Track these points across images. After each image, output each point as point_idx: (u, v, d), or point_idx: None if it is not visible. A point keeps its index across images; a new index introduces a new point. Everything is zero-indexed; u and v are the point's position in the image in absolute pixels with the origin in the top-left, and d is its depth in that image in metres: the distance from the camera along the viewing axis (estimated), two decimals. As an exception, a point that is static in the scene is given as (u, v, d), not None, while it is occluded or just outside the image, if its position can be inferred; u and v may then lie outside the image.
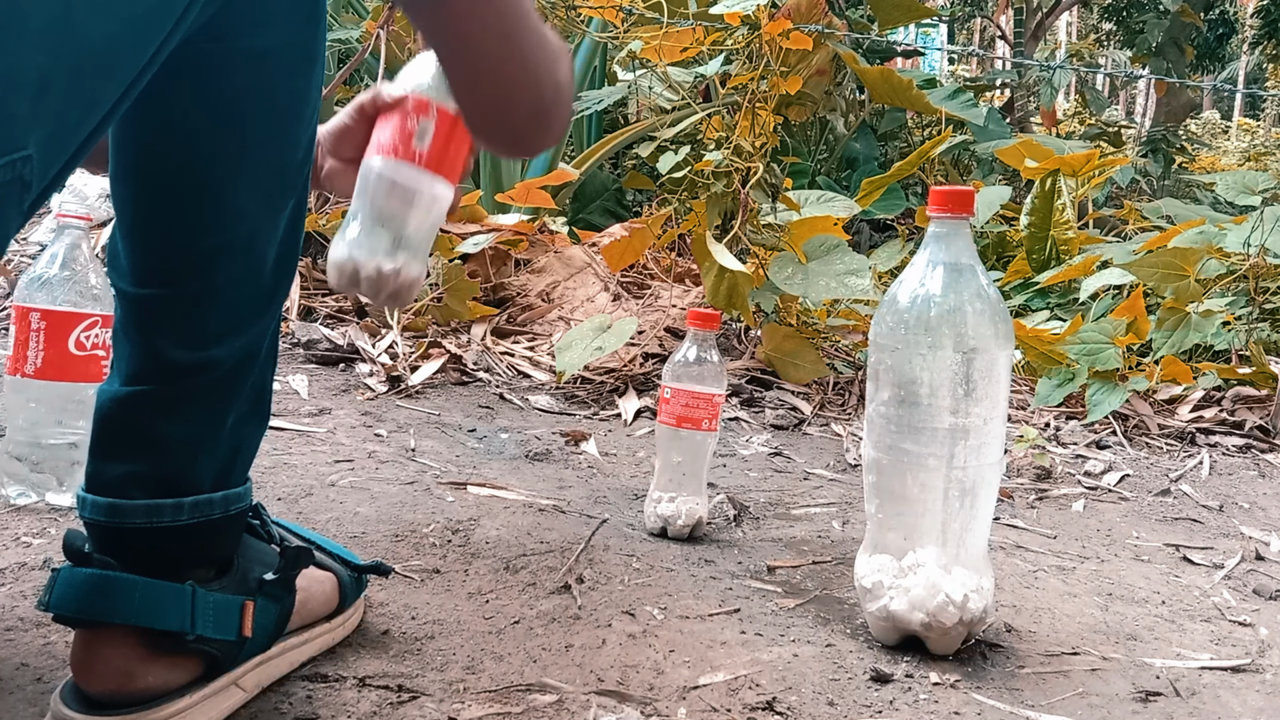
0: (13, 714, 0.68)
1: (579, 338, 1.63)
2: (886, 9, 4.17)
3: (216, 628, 0.68)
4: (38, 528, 0.97)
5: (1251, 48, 9.51)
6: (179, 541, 0.67)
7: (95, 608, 0.64)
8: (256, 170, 0.64)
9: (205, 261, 0.64)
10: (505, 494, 1.22)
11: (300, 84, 0.64)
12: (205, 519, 0.68)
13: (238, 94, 0.61)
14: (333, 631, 0.81)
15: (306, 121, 0.66)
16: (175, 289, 0.64)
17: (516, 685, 0.79)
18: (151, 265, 0.64)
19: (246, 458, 0.73)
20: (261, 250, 0.66)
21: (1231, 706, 0.87)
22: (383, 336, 1.80)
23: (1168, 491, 1.52)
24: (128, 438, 0.66)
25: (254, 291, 0.67)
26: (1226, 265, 2.18)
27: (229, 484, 0.70)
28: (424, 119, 0.72)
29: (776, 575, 1.08)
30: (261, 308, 0.68)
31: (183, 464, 0.67)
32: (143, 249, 0.64)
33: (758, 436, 1.60)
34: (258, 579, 0.73)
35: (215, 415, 0.67)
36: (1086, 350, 1.88)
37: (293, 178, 0.66)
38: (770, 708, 0.79)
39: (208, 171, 0.62)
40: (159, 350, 0.64)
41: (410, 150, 0.72)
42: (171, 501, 0.66)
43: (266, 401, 0.74)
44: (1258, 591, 1.16)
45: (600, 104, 1.94)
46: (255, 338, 0.68)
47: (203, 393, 0.66)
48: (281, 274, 0.69)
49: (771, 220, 1.85)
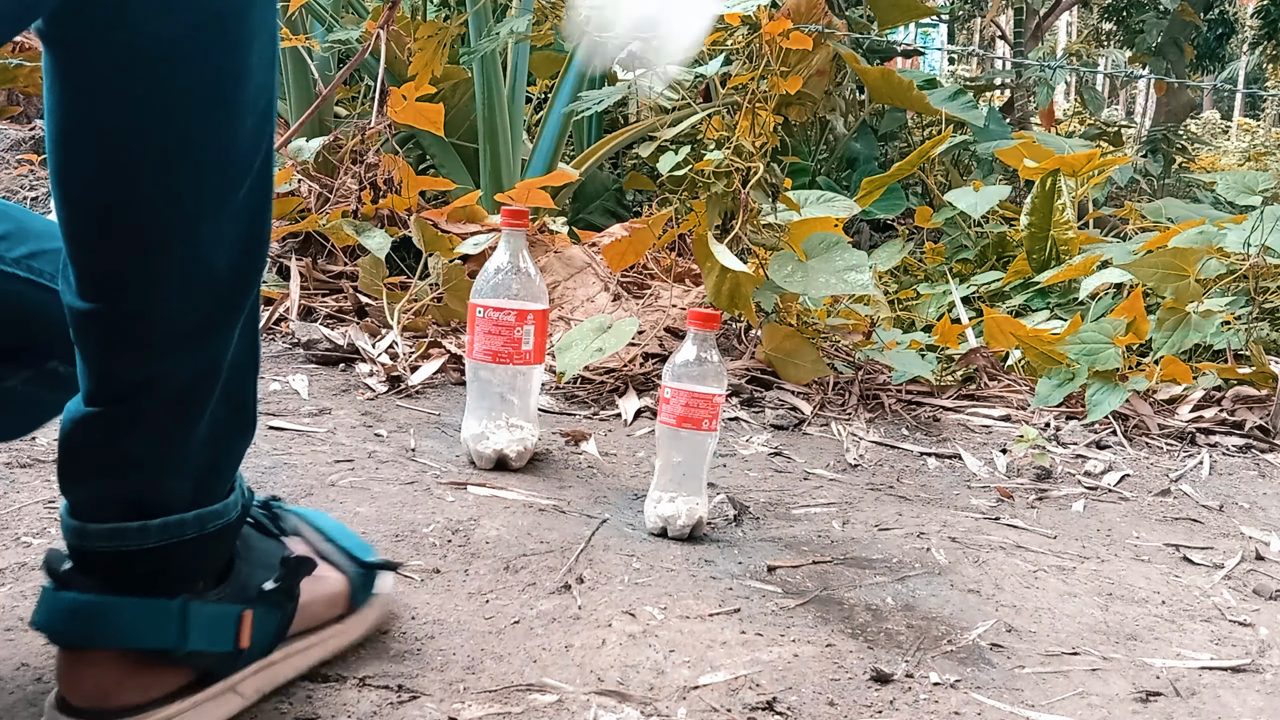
0: (13, 714, 0.68)
1: (579, 338, 1.63)
2: (886, 9, 4.17)
3: (210, 641, 0.66)
4: (38, 528, 0.97)
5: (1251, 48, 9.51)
6: (151, 564, 0.63)
7: (76, 632, 0.62)
8: (188, 166, 0.57)
9: (144, 270, 0.58)
10: (505, 494, 1.22)
11: (234, 61, 0.57)
12: (177, 539, 0.64)
13: (154, 87, 0.55)
14: (346, 634, 0.79)
15: (246, 105, 0.58)
16: (117, 301, 0.59)
17: (516, 685, 0.79)
18: (90, 277, 0.59)
19: (227, 471, 0.69)
20: (207, 254, 0.60)
21: (1231, 706, 0.87)
22: (383, 336, 1.80)
23: (1168, 491, 1.52)
24: (87, 459, 0.63)
25: (205, 301, 0.61)
26: (1226, 265, 2.18)
27: (206, 501, 0.66)
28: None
29: (776, 575, 1.08)
30: (220, 314, 0.62)
31: (146, 484, 0.63)
32: (77, 257, 0.59)
33: (758, 436, 1.60)
34: (258, 587, 0.70)
35: (179, 431, 0.63)
36: (1086, 350, 1.88)
37: (238, 168, 0.60)
38: (770, 708, 0.79)
39: (132, 171, 0.56)
40: (108, 367, 0.60)
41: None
42: (137, 525, 0.62)
43: (250, 410, 0.69)
44: (1258, 591, 1.16)
45: (600, 104, 1.94)
46: (217, 347, 0.63)
47: (161, 409, 0.62)
48: (242, 275, 0.63)
49: (772, 220, 1.85)
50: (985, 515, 1.35)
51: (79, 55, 0.54)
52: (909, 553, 1.17)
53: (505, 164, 2.85)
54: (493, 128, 2.78)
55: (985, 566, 1.15)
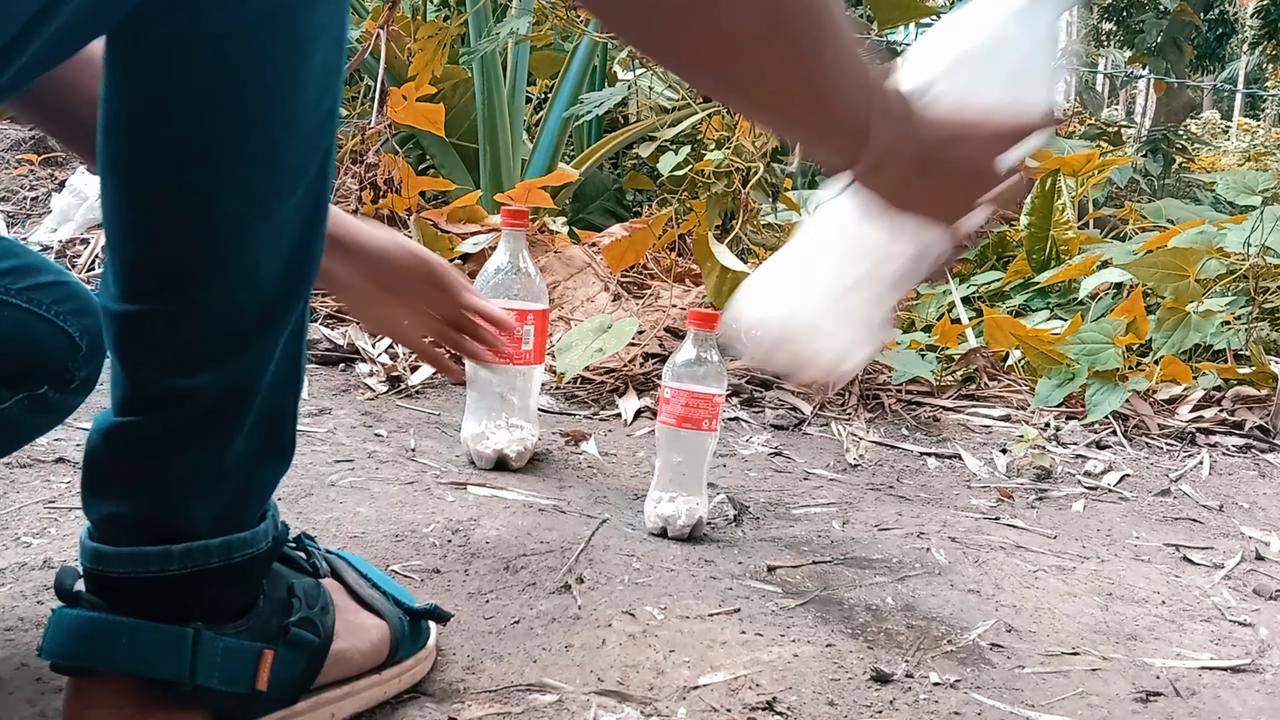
0: (12, 714, 0.68)
1: (579, 339, 1.63)
2: (886, 9, 4.16)
3: (224, 678, 0.61)
4: (38, 528, 0.97)
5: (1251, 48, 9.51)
6: (171, 593, 0.60)
7: (82, 654, 0.59)
8: (242, 167, 0.56)
9: (184, 272, 0.57)
10: (505, 494, 1.22)
11: (293, 61, 0.55)
12: (201, 568, 0.60)
13: (213, 78, 0.53)
14: (383, 685, 0.73)
15: (304, 107, 0.57)
16: (154, 304, 0.57)
17: (516, 685, 0.79)
18: (130, 277, 0.57)
19: (259, 499, 0.65)
20: (253, 260, 0.58)
21: (1231, 706, 0.87)
22: (382, 336, 1.80)
23: (1168, 491, 1.52)
24: (112, 473, 0.60)
25: (248, 308, 0.59)
26: (1226, 265, 2.18)
27: (235, 528, 0.62)
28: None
29: (776, 575, 1.08)
30: (260, 326, 0.60)
31: (171, 506, 0.60)
32: (121, 258, 0.57)
33: (758, 436, 1.60)
34: (282, 625, 0.65)
35: (211, 450, 0.61)
36: (1086, 350, 1.88)
37: (292, 175, 0.58)
38: (770, 708, 0.79)
39: (182, 169, 0.55)
40: (141, 376, 0.59)
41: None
42: (158, 549, 0.59)
43: (287, 434, 0.66)
44: (1258, 591, 1.16)
45: (601, 106, 1.94)
46: (255, 361, 0.61)
47: (191, 425, 0.59)
48: (290, 284, 0.61)
49: (772, 220, 1.85)
50: (985, 515, 1.35)
51: (138, 41, 0.52)
52: (909, 553, 1.17)
53: (505, 164, 2.85)
54: (493, 128, 2.79)
55: (985, 566, 1.15)
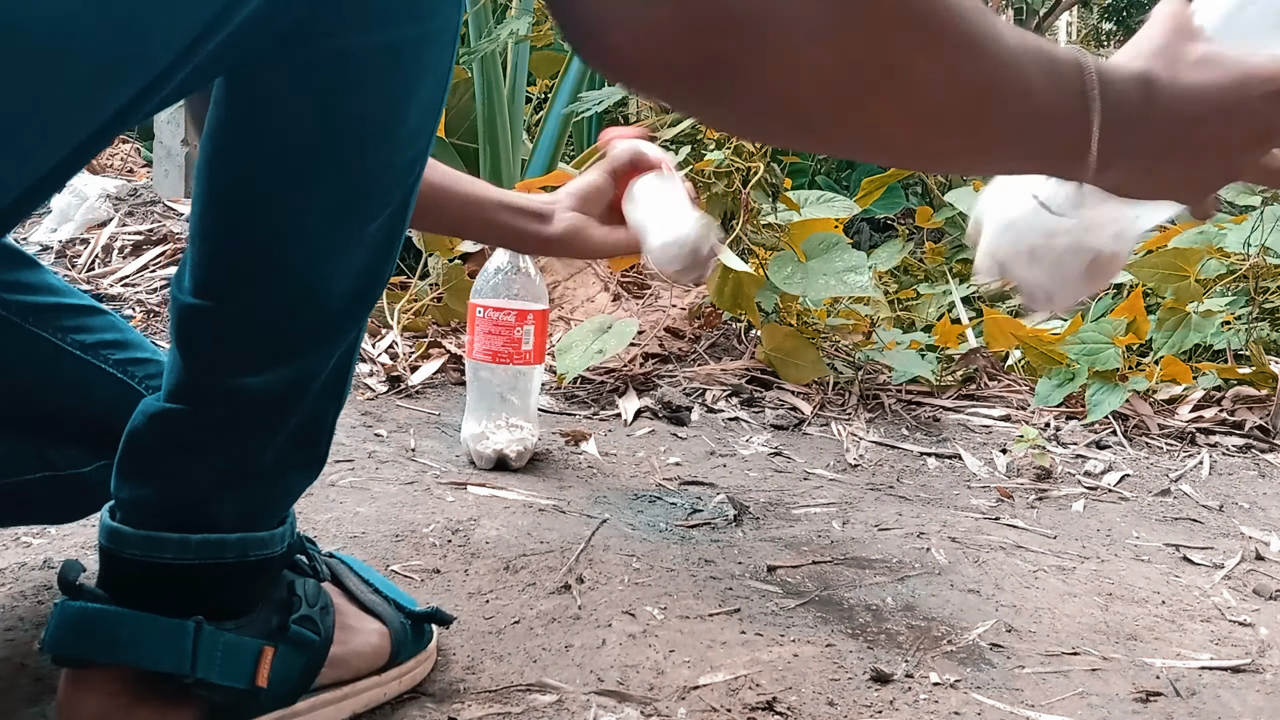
0: (13, 714, 0.68)
1: (579, 339, 1.63)
2: None
3: (223, 673, 0.61)
4: (38, 528, 0.97)
5: (1251, 48, 9.50)
6: (179, 583, 0.61)
7: (84, 645, 0.59)
8: (331, 189, 0.57)
9: (250, 278, 0.58)
10: (505, 494, 1.22)
11: (398, 94, 0.55)
12: (215, 561, 0.61)
13: (321, 100, 0.54)
14: (383, 687, 0.74)
15: (401, 142, 0.58)
16: (218, 302, 0.59)
17: (516, 685, 0.79)
18: (202, 273, 0.59)
19: (283, 503, 0.67)
20: (322, 275, 0.59)
21: (1231, 706, 0.87)
22: (383, 336, 1.80)
23: (1168, 491, 1.52)
24: (148, 455, 0.61)
25: (308, 321, 0.60)
26: (1226, 265, 2.18)
27: (254, 527, 0.63)
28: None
29: (776, 575, 1.08)
30: (316, 340, 0.61)
31: (198, 496, 0.61)
32: (197, 254, 0.59)
33: (758, 436, 1.60)
34: (283, 623, 0.66)
35: (246, 450, 0.62)
36: (1086, 350, 1.88)
37: (376, 202, 0.59)
38: (770, 708, 0.79)
39: (267, 182, 0.56)
40: (194, 368, 0.60)
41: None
42: (177, 537, 0.60)
43: (322, 446, 0.67)
44: (1258, 591, 1.16)
45: (600, 104, 1.94)
46: (305, 371, 0.62)
47: (234, 423, 0.61)
48: (353, 305, 0.62)
49: (772, 220, 1.85)
50: (985, 515, 1.35)
51: (253, 67, 0.53)
52: (909, 553, 1.17)
53: (505, 164, 2.85)
54: (493, 128, 2.78)
55: (985, 566, 1.15)
